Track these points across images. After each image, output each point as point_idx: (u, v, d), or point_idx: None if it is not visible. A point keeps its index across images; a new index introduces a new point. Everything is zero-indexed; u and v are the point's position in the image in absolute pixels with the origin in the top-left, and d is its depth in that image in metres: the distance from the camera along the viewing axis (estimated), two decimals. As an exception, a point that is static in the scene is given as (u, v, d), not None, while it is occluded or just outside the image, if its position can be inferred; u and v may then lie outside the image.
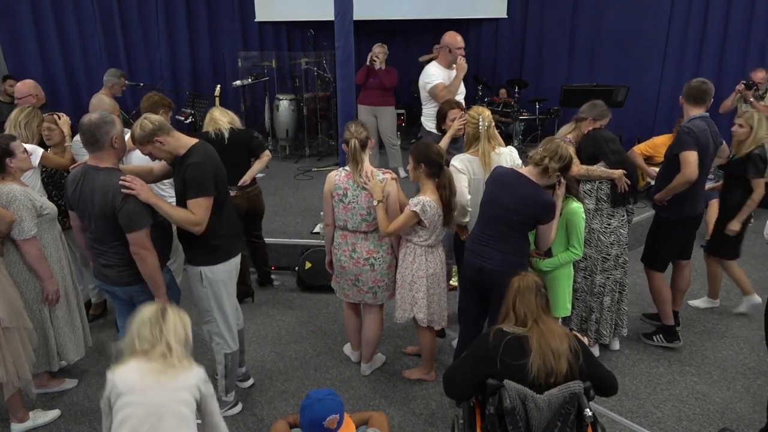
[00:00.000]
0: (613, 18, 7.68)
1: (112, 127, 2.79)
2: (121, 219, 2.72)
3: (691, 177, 3.59)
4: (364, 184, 3.24)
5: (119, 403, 2.11)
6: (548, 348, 2.29)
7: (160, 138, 2.83)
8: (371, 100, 6.61)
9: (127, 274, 2.90)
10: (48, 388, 3.52)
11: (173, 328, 2.18)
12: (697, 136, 3.59)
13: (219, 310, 3.11)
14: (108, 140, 2.77)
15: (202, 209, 2.84)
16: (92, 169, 2.81)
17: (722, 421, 3.30)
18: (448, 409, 3.39)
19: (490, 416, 2.33)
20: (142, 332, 2.16)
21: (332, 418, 2.14)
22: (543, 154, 2.92)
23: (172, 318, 2.21)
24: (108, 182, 2.74)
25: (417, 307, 3.37)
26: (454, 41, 4.70)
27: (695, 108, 3.70)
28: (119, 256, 2.87)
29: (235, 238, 3.14)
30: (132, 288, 2.96)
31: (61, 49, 7.73)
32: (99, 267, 2.98)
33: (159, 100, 4.08)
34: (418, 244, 3.29)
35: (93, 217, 2.81)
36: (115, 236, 2.81)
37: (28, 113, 3.72)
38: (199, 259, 3.03)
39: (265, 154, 4.26)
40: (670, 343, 3.98)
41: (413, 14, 8.62)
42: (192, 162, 2.84)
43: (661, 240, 3.94)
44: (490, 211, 3.06)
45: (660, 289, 3.96)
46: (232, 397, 3.34)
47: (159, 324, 2.17)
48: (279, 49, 8.84)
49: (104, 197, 2.73)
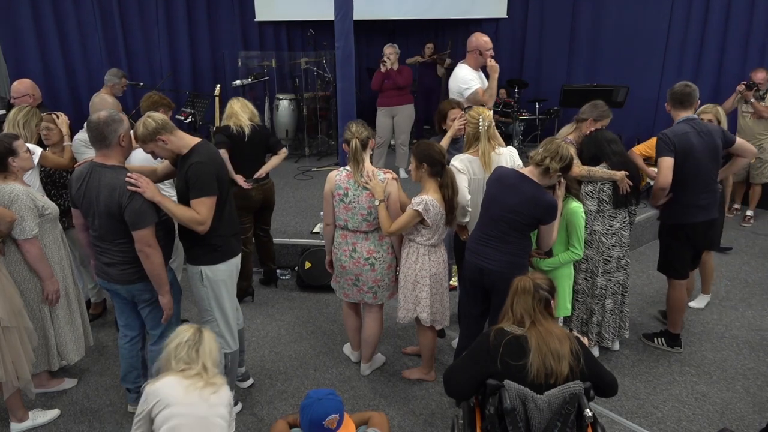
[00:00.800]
0: (613, 18, 7.68)
1: (120, 125, 2.81)
2: (128, 216, 2.73)
3: (663, 183, 3.59)
4: (365, 184, 3.24)
5: (165, 413, 2.19)
6: (548, 349, 2.29)
7: (163, 137, 2.83)
8: (388, 101, 6.62)
9: (130, 273, 2.91)
10: (48, 388, 3.52)
11: (208, 351, 2.30)
12: (672, 142, 3.58)
13: (219, 309, 3.11)
14: (116, 138, 2.79)
15: (206, 208, 2.84)
16: (99, 166, 2.82)
17: (722, 422, 3.30)
18: (448, 409, 3.39)
19: (490, 416, 2.33)
20: (179, 353, 2.27)
21: (332, 418, 2.14)
22: (544, 155, 2.92)
23: (208, 341, 2.33)
24: (115, 180, 2.75)
25: (420, 306, 3.37)
26: (485, 43, 4.65)
27: (680, 111, 3.70)
28: (123, 255, 2.88)
29: (235, 238, 3.14)
30: (135, 286, 2.96)
31: (61, 49, 7.73)
32: (101, 265, 2.98)
33: (159, 99, 4.08)
34: (421, 244, 3.29)
35: (98, 215, 2.81)
36: (119, 234, 2.82)
37: (26, 112, 3.72)
38: (199, 259, 3.02)
39: (283, 150, 4.40)
40: (672, 347, 3.97)
41: (413, 14, 8.62)
42: (195, 162, 2.84)
43: (663, 245, 3.93)
44: (492, 212, 3.06)
45: (674, 298, 3.92)
46: (232, 397, 3.33)
47: (196, 346, 2.28)
48: (279, 49, 8.85)
49: (111, 194, 2.74)
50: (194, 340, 2.29)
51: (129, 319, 3.18)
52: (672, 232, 3.83)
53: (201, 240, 2.94)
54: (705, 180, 3.69)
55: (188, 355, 2.26)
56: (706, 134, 3.65)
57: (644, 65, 7.45)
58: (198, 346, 2.28)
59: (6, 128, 3.68)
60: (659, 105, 7.45)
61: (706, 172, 3.68)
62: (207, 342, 2.31)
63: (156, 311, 3.04)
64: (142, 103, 4.07)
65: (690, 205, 3.71)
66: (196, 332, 2.32)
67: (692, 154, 3.60)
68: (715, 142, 3.67)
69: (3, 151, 3.05)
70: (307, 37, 8.30)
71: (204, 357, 2.28)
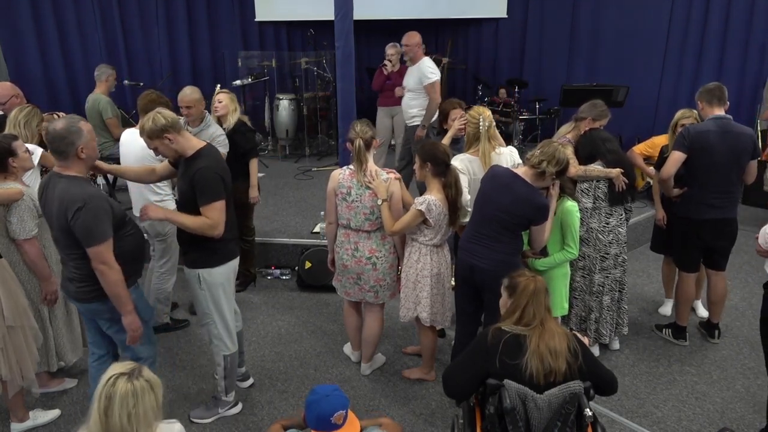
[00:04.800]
0: (613, 18, 7.68)
1: (78, 137, 2.59)
2: (77, 232, 2.54)
3: (663, 175, 3.66)
4: (368, 184, 3.24)
5: None
6: (546, 348, 2.29)
7: (170, 135, 2.79)
8: (388, 101, 6.60)
9: (86, 291, 2.71)
10: (48, 388, 3.51)
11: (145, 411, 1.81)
12: (689, 138, 3.59)
13: (217, 312, 3.09)
14: (72, 151, 2.59)
15: (218, 212, 2.83)
16: (56, 175, 2.65)
17: (722, 421, 3.30)
18: (448, 409, 3.39)
19: (490, 416, 2.33)
20: (111, 418, 1.78)
21: (339, 414, 2.14)
22: (541, 158, 2.93)
23: (147, 392, 1.82)
24: (64, 192, 2.56)
25: (421, 306, 3.37)
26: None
27: (709, 109, 3.69)
28: (79, 271, 2.69)
29: (233, 242, 3.11)
30: (90, 305, 2.77)
31: (61, 49, 7.74)
32: (63, 280, 2.84)
33: (156, 98, 4.04)
34: (423, 244, 3.29)
35: (55, 228, 2.68)
36: (73, 248, 2.63)
37: (27, 112, 3.71)
38: (197, 262, 2.99)
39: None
40: (677, 339, 4.02)
41: (413, 14, 8.61)
42: (202, 166, 2.81)
43: (674, 237, 3.95)
44: (485, 210, 3.07)
45: (682, 289, 3.95)
46: (232, 397, 3.34)
47: (135, 407, 1.79)
48: (279, 49, 8.84)
49: (60, 207, 2.56)
50: (131, 393, 1.78)
51: (95, 336, 2.98)
52: (682, 225, 3.86)
53: (199, 243, 2.90)
54: (721, 180, 3.66)
55: (121, 422, 1.76)
56: (732, 136, 3.60)
57: (644, 65, 7.45)
58: (136, 408, 1.78)
59: (7, 128, 3.67)
60: (659, 105, 7.46)
61: (723, 173, 3.65)
62: (147, 396, 1.81)
63: (121, 332, 2.80)
64: (140, 102, 4.02)
65: (701, 202, 3.72)
66: (131, 380, 1.80)
67: (709, 152, 3.60)
68: (740, 145, 3.61)
69: (2, 151, 3.04)
70: (307, 37, 8.30)
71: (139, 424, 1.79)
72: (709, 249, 3.86)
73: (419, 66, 5.43)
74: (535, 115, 7.90)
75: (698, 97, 3.76)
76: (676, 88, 7.34)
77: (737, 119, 3.81)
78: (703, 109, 3.74)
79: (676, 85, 7.34)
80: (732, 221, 3.80)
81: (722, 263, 3.91)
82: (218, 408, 3.31)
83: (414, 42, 5.44)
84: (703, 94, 3.72)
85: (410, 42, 5.44)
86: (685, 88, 7.18)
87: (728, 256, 3.93)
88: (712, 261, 3.92)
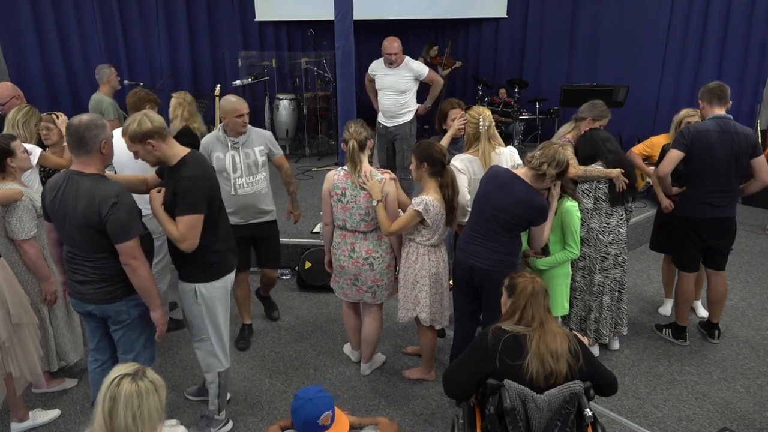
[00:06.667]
0: (613, 18, 7.68)
1: (102, 131, 2.58)
2: (110, 228, 2.51)
3: (659, 172, 3.69)
4: (363, 185, 3.24)
5: None
6: (546, 349, 2.29)
7: (153, 141, 2.65)
8: None
9: (107, 291, 2.66)
10: (48, 388, 3.51)
11: (149, 414, 1.83)
12: (689, 137, 3.59)
13: (213, 327, 2.96)
14: (97, 144, 2.56)
15: (186, 227, 2.67)
16: (76, 174, 2.58)
17: (722, 421, 3.30)
18: (448, 409, 3.39)
19: (490, 416, 2.33)
20: (116, 418, 1.79)
21: (326, 415, 2.14)
22: (541, 160, 2.93)
23: (152, 395, 1.85)
24: (95, 188, 2.53)
25: (420, 306, 3.36)
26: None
27: (710, 108, 3.70)
28: (100, 271, 2.64)
29: (231, 253, 2.99)
30: (111, 307, 2.70)
31: (61, 49, 7.73)
32: (74, 284, 2.72)
33: (145, 95, 4.02)
34: (421, 244, 3.29)
35: (76, 227, 2.57)
36: (98, 248, 2.59)
37: (26, 112, 3.72)
38: (193, 276, 2.86)
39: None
40: (676, 339, 4.02)
41: (413, 14, 8.62)
42: (186, 176, 2.68)
43: (674, 236, 3.96)
44: (483, 210, 3.07)
45: (682, 289, 3.96)
46: (224, 416, 3.22)
47: (140, 408, 1.81)
48: (279, 49, 8.85)
49: (90, 205, 2.51)
50: (136, 393, 1.79)
51: (101, 341, 2.91)
52: (681, 224, 3.86)
53: (195, 257, 2.78)
54: (721, 179, 3.66)
55: (126, 423, 1.77)
56: (731, 135, 3.60)
57: (644, 65, 7.45)
58: (141, 408, 1.79)
59: (5, 128, 3.67)
60: (659, 105, 7.46)
61: (723, 172, 3.65)
62: (151, 397, 1.83)
63: (130, 333, 2.79)
64: (128, 99, 3.99)
65: (700, 201, 3.73)
66: (136, 380, 1.81)
67: (709, 151, 3.60)
68: (741, 145, 3.61)
69: (0, 151, 3.04)
70: (307, 37, 8.31)
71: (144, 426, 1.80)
72: (708, 248, 3.86)
73: (407, 65, 5.24)
74: (535, 115, 7.90)
75: (700, 96, 3.77)
76: (676, 88, 7.35)
77: (737, 119, 3.81)
78: (704, 108, 3.75)
79: (676, 85, 7.34)
80: (731, 220, 3.81)
81: (722, 263, 3.91)
82: (210, 428, 3.17)
83: (399, 47, 5.19)
84: (704, 93, 3.72)
85: (397, 49, 5.16)
86: (685, 88, 7.19)
87: (728, 256, 3.93)
88: (712, 260, 3.92)
